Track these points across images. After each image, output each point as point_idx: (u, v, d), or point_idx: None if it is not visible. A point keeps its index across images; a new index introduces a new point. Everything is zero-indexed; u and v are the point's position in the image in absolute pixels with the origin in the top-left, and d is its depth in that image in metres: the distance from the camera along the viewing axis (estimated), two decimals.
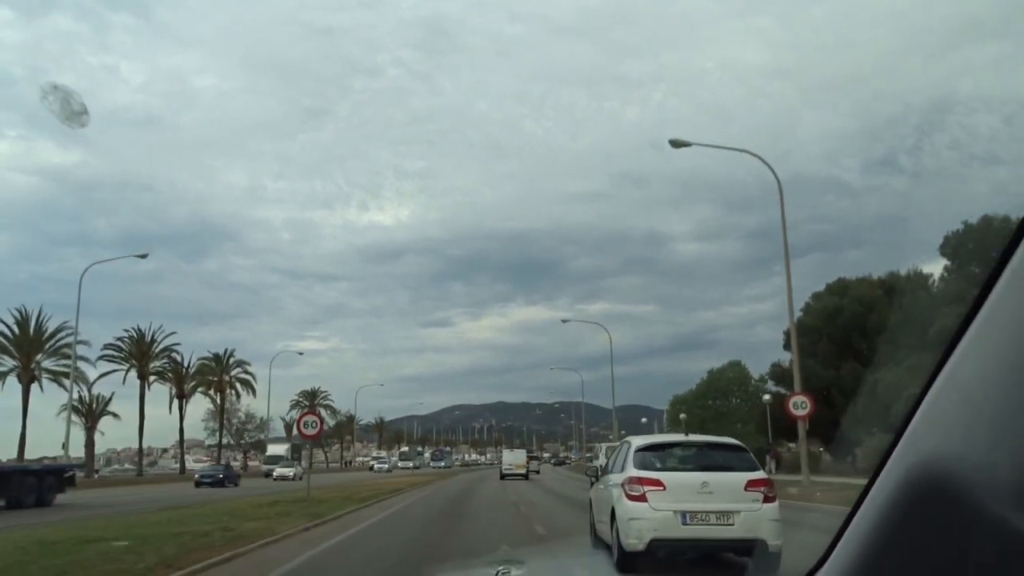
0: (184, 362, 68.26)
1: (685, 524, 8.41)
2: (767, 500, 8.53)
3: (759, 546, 8.10)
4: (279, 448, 64.10)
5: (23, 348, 50.51)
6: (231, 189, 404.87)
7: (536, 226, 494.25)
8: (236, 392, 76.00)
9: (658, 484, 8.63)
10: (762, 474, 8.96)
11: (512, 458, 50.02)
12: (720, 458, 9.25)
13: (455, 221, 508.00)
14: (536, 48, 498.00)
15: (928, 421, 1.20)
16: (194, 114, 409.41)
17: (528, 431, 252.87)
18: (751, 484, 8.61)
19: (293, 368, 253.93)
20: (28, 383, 49.96)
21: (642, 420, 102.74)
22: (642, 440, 10.05)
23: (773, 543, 8.22)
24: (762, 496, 8.54)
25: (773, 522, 8.43)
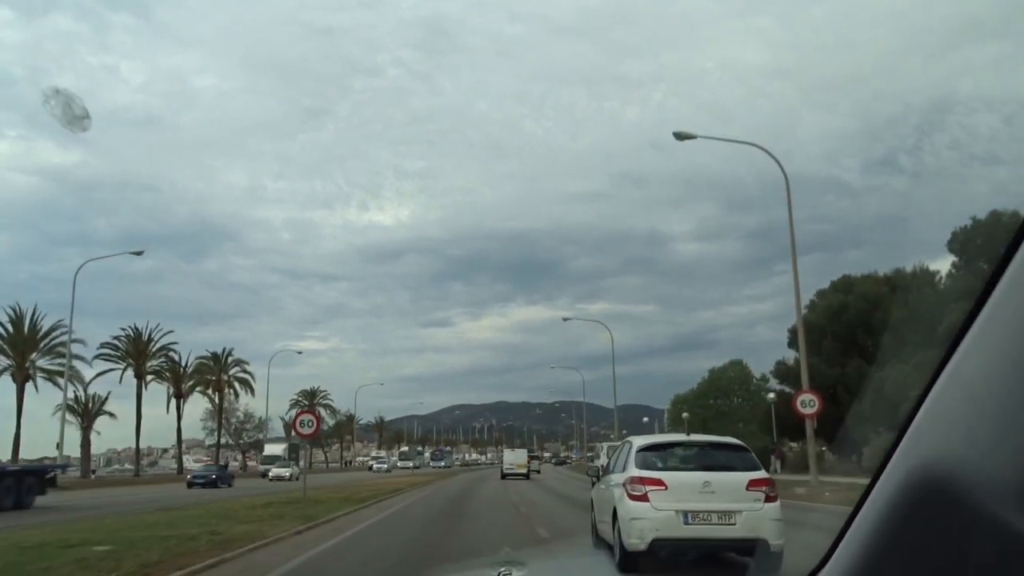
0: (182, 361, 68.04)
1: (687, 524, 8.39)
2: (769, 500, 8.53)
3: (761, 546, 8.09)
4: (276, 448, 63.24)
5: (17, 346, 50.00)
6: (231, 189, 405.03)
7: (536, 226, 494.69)
8: (235, 392, 75.72)
9: (660, 484, 8.61)
10: (764, 474, 8.92)
11: (513, 458, 50.39)
12: (722, 458, 9.23)
13: (455, 221, 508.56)
14: (536, 48, 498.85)
15: (930, 421, 1.20)
16: (194, 114, 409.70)
17: (528, 431, 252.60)
18: (753, 484, 8.61)
19: (293, 368, 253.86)
20: (23, 382, 49.51)
21: (644, 419, 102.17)
22: (644, 440, 10.01)
23: (775, 543, 8.19)
24: (764, 496, 8.54)
25: (775, 522, 8.41)
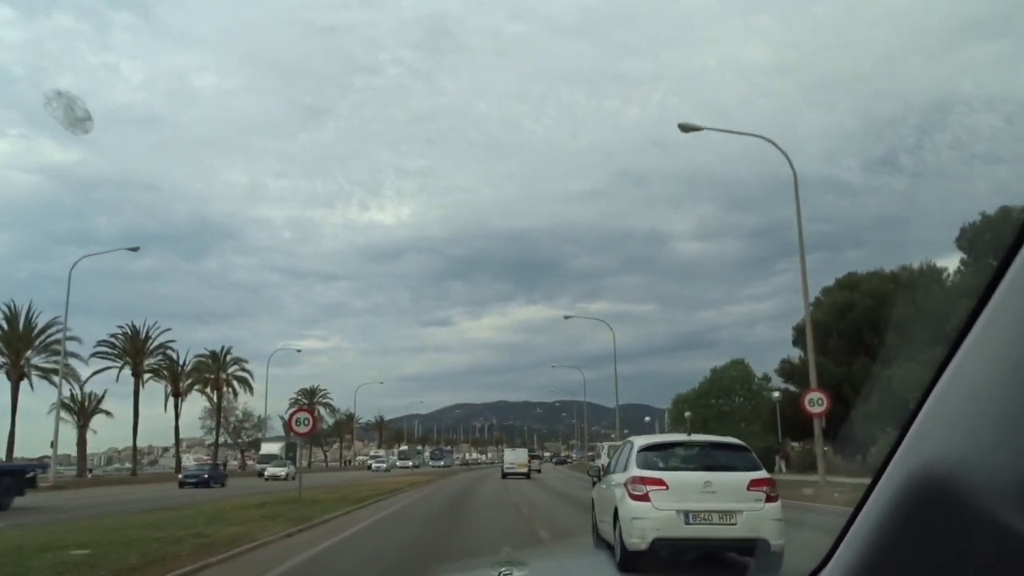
0: (180, 360, 67.49)
1: (688, 524, 8.38)
2: (769, 500, 8.52)
3: (761, 546, 8.07)
4: (273, 447, 62.49)
5: (12, 344, 49.48)
6: (232, 188, 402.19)
7: (536, 225, 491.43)
8: (233, 390, 75.14)
9: (661, 484, 8.59)
10: (764, 474, 8.89)
11: (514, 457, 50.48)
12: (723, 458, 9.23)
13: (455, 220, 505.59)
14: (536, 47, 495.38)
15: (932, 422, 1.19)
16: (194, 113, 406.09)
17: (529, 430, 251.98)
18: (753, 484, 8.60)
19: (294, 367, 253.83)
20: (17, 380, 48.97)
21: (645, 419, 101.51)
22: (645, 440, 10.01)
23: (775, 543, 8.18)
24: (764, 496, 8.53)
25: (775, 522, 8.40)
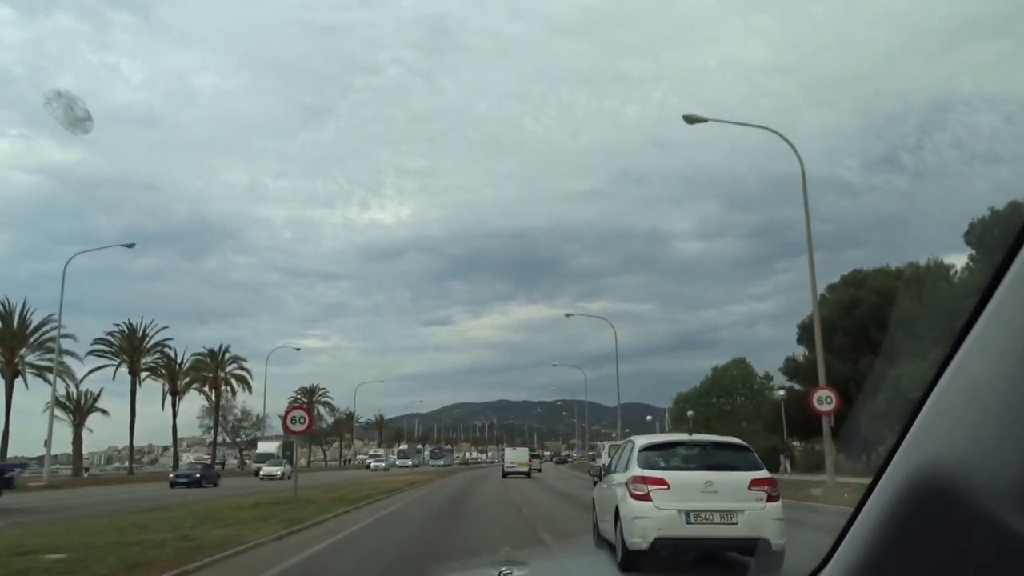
0: (178, 358, 66.91)
1: (689, 523, 8.39)
2: (771, 499, 8.54)
3: (762, 545, 8.08)
4: (270, 446, 61.69)
5: (6, 342, 48.94)
6: (232, 187, 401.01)
7: (536, 224, 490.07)
8: (232, 389, 74.57)
9: (662, 483, 8.60)
10: (765, 473, 8.88)
11: (515, 456, 50.55)
12: (724, 457, 9.25)
13: (456, 220, 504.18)
14: (536, 47, 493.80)
15: (932, 422, 1.19)
16: (195, 113, 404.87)
17: (529, 429, 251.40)
18: (755, 483, 8.61)
19: (294, 366, 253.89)
20: (11, 378, 48.47)
21: (647, 418, 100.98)
22: (646, 439, 10.04)
23: (776, 542, 8.19)
24: (766, 495, 8.54)
25: (776, 521, 8.41)
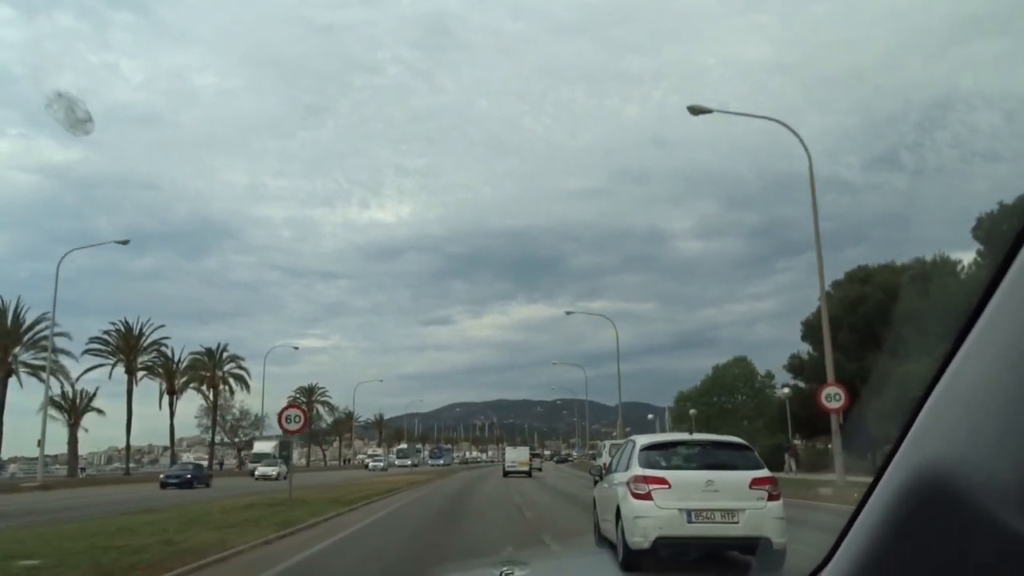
0: (175, 357, 66.29)
1: (690, 522, 8.43)
2: (771, 498, 8.59)
3: (763, 544, 8.11)
4: (267, 445, 60.94)
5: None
6: (231, 187, 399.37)
7: (536, 223, 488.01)
8: (230, 388, 73.94)
9: (663, 482, 8.64)
10: (766, 472, 8.92)
11: (515, 456, 50.66)
12: (724, 456, 9.31)
13: (456, 219, 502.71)
14: (537, 45, 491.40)
15: (933, 422, 1.19)
16: (194, 112, 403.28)
17: (529, 428, 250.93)
18: (755, 482, 8.66)
19: (293, 366, 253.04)
20: (5, 377, 47.87)
21: (649, 416, 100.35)
22: (647, 439, 10.12)
23: (777, 541, 8.24)
24: (767, 494, 8.59)
25: (777, 520, 8.46)
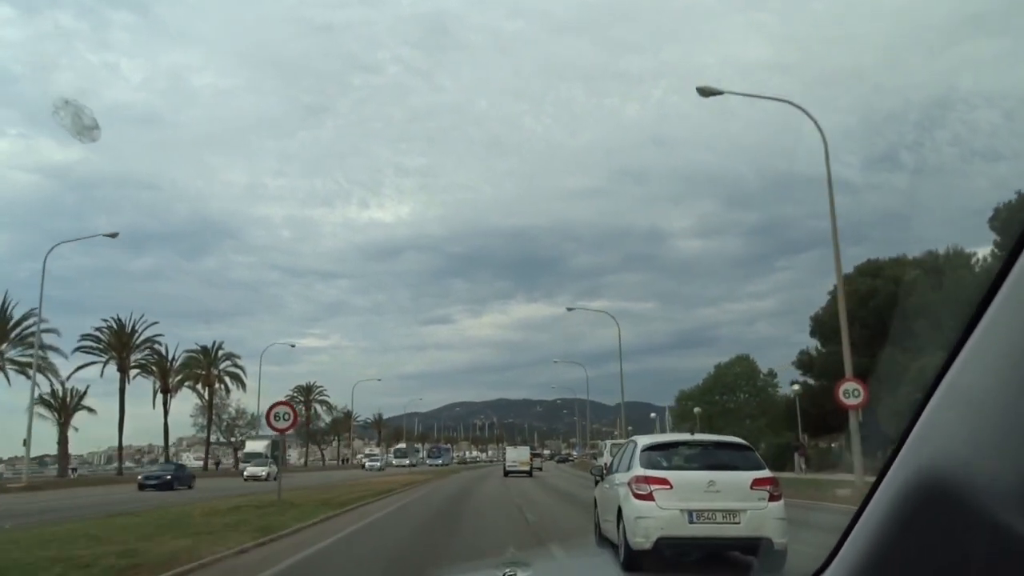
0: (169, 355, 65.12)
1: (692, 523, 8.40)
2: (773, 499, 8.59)
3: (765, 544, 8.09)
4: (259, 444, 59.70)
5: None
6: (231, 187, 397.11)
7: (536, 223, 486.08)
8: (225, 387, 72.76)
9: (665, 483, 8.62)
10: (767, 473, 8.90)
11: (516, 455, 50.33)
12: (726, 457, 9.30)
13: (455, 218, 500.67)
14: (536, 45, 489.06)
15: (935, 423, 1.20)
16: (194, 112, 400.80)
17: (529, 428, 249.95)
18: (757, 483, 8.65)
19: (293, 365, 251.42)
20: None
21: (651, 415, 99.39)
22: (648, 439, 10.14)
23: (779, 541, 8.24)
24: (768, 495, 8.59)
25: (779, 520, 8.45)
